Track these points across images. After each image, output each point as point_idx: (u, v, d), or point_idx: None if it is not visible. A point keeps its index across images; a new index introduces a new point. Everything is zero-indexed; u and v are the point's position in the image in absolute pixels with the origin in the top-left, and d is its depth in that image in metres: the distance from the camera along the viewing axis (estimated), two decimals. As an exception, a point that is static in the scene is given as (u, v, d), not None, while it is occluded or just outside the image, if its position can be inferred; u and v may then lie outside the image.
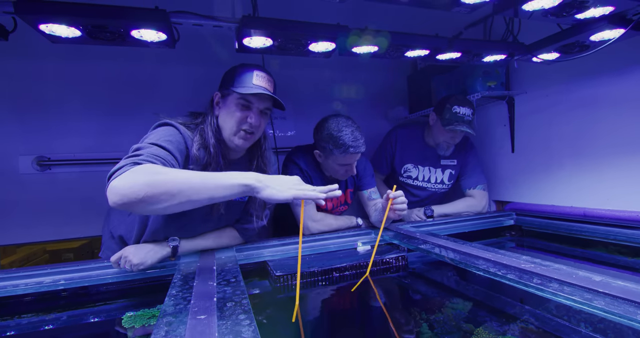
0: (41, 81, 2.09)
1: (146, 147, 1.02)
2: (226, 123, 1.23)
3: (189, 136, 1.18)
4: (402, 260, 1.40)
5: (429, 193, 2.17)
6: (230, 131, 1.23)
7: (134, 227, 1.26)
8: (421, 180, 2.14)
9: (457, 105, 1.91)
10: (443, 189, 2.17)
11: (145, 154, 0.97)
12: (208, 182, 0.87)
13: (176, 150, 1.10)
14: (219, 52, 2.20)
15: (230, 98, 1.22)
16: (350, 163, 1.63)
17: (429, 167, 2.14)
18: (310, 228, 1.66)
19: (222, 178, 0.89)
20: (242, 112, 1.21)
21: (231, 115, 1.22)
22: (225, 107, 1.24)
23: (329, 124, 1.61)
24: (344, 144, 1.55)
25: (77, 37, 1.22)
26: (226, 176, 0.89)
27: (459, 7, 1.21)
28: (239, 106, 1.21)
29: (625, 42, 1.43)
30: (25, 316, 1.11)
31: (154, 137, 1.09)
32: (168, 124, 1.17)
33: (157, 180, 0.82)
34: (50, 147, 2.12)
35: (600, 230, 1.62)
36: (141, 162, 0.92)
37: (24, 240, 2.13)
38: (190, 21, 1.30)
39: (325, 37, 1.40)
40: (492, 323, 0.96)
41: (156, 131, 1.14)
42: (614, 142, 1.65)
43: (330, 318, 1.09)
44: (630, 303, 0.76)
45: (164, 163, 0.99)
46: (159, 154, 1.00)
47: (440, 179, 2.15)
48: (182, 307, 0.83)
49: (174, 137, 1.13)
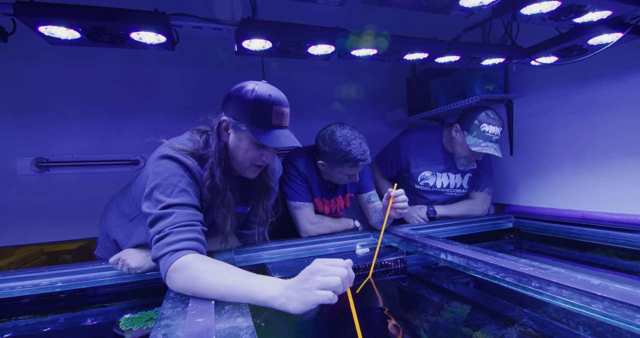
0: (40, 83, 2.09)
1: (171, 215, 1.00)
2: (237, 156, 1.16)
3: (198, 172, 1.13)
4: (400, 263, 1.40)
5: (446, 198, 2.09)
6: (241, 165, 1.18)
7: (132, 233, 1.25)
8: (439, 187, 2.05)
9: (487, 123, 1.78)
10: (462, 193, 2.10)
11: (175, 228, 0.98)
12: (239, 294, 0.86)
13: (193, 194, 1.08)
14: (218, 54, 2.21)
15: (245, 134, 1.14)
16: (357, 173, 1.65)
17: (447, 173, 2.04)
18: (308, 230, 1.66)
19: (253, 293, 0.84)
20: (257, 150, 1.15)
21: (244, 152, 1.15)
22: (238, 140, 1.15)
23: (336, 137, 1.57)
24: (354, 158, 1.54)
25: (77, 39, 1.22)
26: (258, 291, 0.83)
27: (458, 11, 1.22)
28: (254, 145, 1.14)
29: (623, 45, 1.44)
30: (22, 318, 1.11)
31: (169, 184, 1.05)
32: (175, 159, 1.09)
33: (195, 289, 0.89)
34: (48, 149, 2.12)
35: (599, 233, 1.62)
36: (178, 249, 0.95)
37: (21, 242, 2.13)
38: (189, 23, 1.30)
39: (325, 40, 1.40)
40: (491, 327, 0.96)
41: (166, 172, 1.07)
42: (612, 146, 1.66)
43: (329, 320, 1.09)
44: (628, 307, 0.76)
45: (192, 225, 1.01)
46: (186, 222, 1.01)
47: (460, 184, 2.07)
48: (179, 310, 0.83)
49: (185, 179, 1.08)
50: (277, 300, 0.79)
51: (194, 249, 0.97)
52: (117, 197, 1.43)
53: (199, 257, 0.96)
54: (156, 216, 1.01)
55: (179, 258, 0.93)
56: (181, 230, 0.99)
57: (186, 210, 1.03)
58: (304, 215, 1.67)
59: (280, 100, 1.13)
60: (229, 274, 0.90)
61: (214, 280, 0.88)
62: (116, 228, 1.35)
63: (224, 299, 0.88)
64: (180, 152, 1.11)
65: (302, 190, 1.70)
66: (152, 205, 1.03)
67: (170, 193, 1.04)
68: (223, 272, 0.91)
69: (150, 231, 1.01)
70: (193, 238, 0.99)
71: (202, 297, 0.89)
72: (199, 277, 0.90)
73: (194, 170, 1.12)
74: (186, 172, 1.10)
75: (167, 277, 0.94)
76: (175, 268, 0.93)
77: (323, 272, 0.76)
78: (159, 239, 0.97)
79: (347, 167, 1.58)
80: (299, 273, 0.80)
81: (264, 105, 1.10)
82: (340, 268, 0.77)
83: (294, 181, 1.69)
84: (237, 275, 0.89)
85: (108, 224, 1.40)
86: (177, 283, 0.92)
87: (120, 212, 1.34)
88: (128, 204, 1.31)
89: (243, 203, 1.34)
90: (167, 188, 1.04)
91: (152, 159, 1.13)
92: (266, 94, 1.11)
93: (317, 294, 0.75)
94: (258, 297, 0.82)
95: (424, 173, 2.04)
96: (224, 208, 1.18)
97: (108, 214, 1.44)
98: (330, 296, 0.75)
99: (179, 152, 1.11)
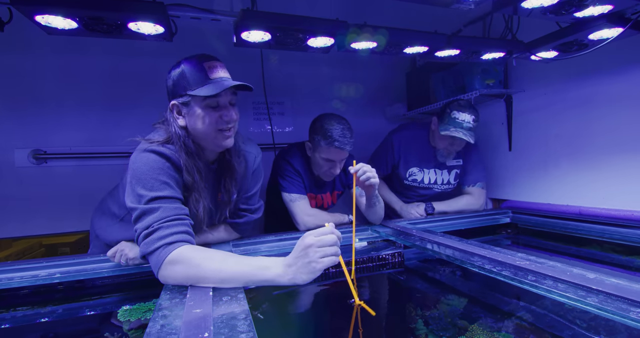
0: (37, 74, 2.08)
1: (158, 210, 0.99)
2: (199, 130, 1.11)
3: (178, 159, 1.10)
4: (398, 257, 1.41)
5: (435, 193, 2.14)
6: (208, 136, 1.12)
7: (126, 230, 1.23)
8: (427, 183, 2.09)
9: (456, 110, 1.85)
10: (450, 189, 2.15)
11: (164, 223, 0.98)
12: (246, 277, 0.91)
13: (175, 186, 1.07)
14: (217, 47, 2.19)
15: (193, 104, 1.09)
16: (333, 159, 1.64)
17: (435, 169, 2.08)
18: (306, 222, 1.67)
19: (254, 273, 0.91)
20: (212, 112, 1.10)
21: (202, 121, 1.09)
22: (192, 114, 1.10)
23: (324, 117, 1.66)
24: (331, 136, 1.58)
25: (74, 29, 1.21)
26: (258, 271, 0.91)
27: (459, 3, 1.21)
28: (207, 109, 1.09)
29: (623, 41, 1.43)
30: (20, 309, 1.11)
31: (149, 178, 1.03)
32: (153, 151, 1.07)
33: (194, 276, 0.92)
34: (46, 141, 2.11)
35: (596, 228, 1.63)
36: (172, 242, 0.95)
37: (19, 234, 2.12)
38: (188, 14, 1.29)
39: (324, 32, 1.39)
40: (487, 320, 0.97)
41: (144, 166, 1.05)
42: (611, 141, 1.66)
43: (325, 313, 1.10)
44: (623, 300, 0.77)
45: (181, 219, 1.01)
46: (174, 216, 1.00)
47: (447, 180, 2.11)
48: (177, 301, 0.83)
49: (165, 171, 1.06)
50: (284, 277, 0.89)
51: (186, 241, 0.97)
52: (106, 199, 1.41)
53: (195, 247, 0.97)
54: (142, 211, 0.99)
55: (174, 250, 0.93)
56: (171, 224, 0.98)
57: (172, 204, 1.03)
58: (301, 207, 1.69)
59: (206, 56, 1.10)
60: (232, 260, 0.94)
61: (218, 266, 0.91)
62: (107, 228, 1.34)
63: (229, 283, 0.90)
64: (155, 144, 1.09)
65: (297, 183, 1.72)
66: (135, 200, 1.02)
67: (151, 187, 1.02)
68: (225, 257, 0.94)
69: (137, 226, 0.99)
70: (184, 232, 0.99)
71: (205, 285, 0.90)
72: (202, 264, 0.91)
73: (173, 157, 1.09)
74: (166, 162, 1.07)
75: (162, 269, 0.93)
76: (172, 260, 0.92)
77: (318, 243, 0.87)
78: (149, 234, 0.96)
79: (324, 146, 1.61)
80: (294, 249, 0.90)
81: (194, 68, 1.07)
82: (330, 236, 0.89)
83: (289, 175, 1.72)
84: (240, 259, 0.94)
85: (99, 226, 1.38)
86: (175, 275, 0.92)
87: (110, 213, 1.34)
88: (117, 205, 1.31)
89: (224, 191, 1.29)
90: (147, 182, 1.03)
91: (132, 157, 1.10)
92: (190, 58, 1.09)
93: (321, 262, 0.86)
94: (265, 277, 0.90)
95: (412, 169, 2.08)
96: (196, 192, 1.14)
97: (97, 215, 1.42)
98: (333, 259, 0.87)
99: (156, 144, 1.09)
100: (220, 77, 1.09)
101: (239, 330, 0.68)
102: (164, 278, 0.94)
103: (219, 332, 0.67)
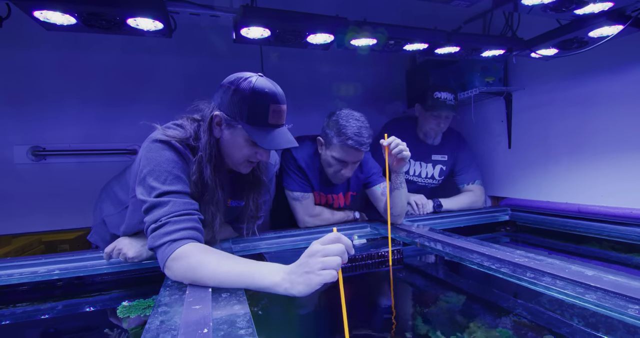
0: (36, 70, 2.06)
1: (168, 203, 0.99)
2: (231, 153, 1.13)
3: (190, 159, 1.10)
4: (397, 254, 1.41)
5: (417, 188, 2.15)
6: (235, 161, 1.15)
7: (124, 220, 1.23)
8: (411, 175, 2.14)
9: (437, 91, 1.97)
10: (433, 184, 2.17)
11: (172, 217, 0.97)
12: (242, 282, 0.88)
13: (187, 179, 1.07)
14: (216, 43, 2.19)
15: (240, 132, 1.09)
16: (345, 160, 1.52)
17: (420, 161, 2.14)
18: (307, 223, 1.65)
19: (257, 281, 0.86)
20: (252, 148, 1.11)
21: (238, 149, 1.11)
22: (232, 138, 1.11)
23: (342, 112, 1.53)
24: (345, 133, 1.46)
25: (72, 25, 1.20)
26: (260, 277, 0.86)
27: (459, 0, 1.20)
28: (249, 143, 1.10)
29: (623, 38, 1.43)
30: (20, 305, 1.11)
31: (162, 170, 1.03)
32: (169, 144, 1.07)
33: (192, 277, 0.91)
34: (45, 137, 2.10)
35: (594, 226, 1.63)
36: (177, 239, 0.95)
37: (18, 231, 2.12)
38: (187, 10, 1.29)
39: (324, 28, 1.38)
40: (486, 317, 0.97)
41: (160, 157, 1.05)
42: (610, 139, 1.66)
43: (325, 310, 1.10)
44: (621, 297, 0.77)
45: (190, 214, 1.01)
46: (183, 211, 1.00)
47: (431, 174, 2.15)
48: (177, 297, 0.83)
49: (179, 165, 1.06)
50: (281, 286, 0.81)
51: (192, 238, 0.97)
52: (112, 183, 1.40)
53: (199, 246, 0.96)
54: (152, 204, 0.99)
55: (179, 248, 0.93)
56: (179, 219, 0.98)
57: (182, 198, 1.02)
58: (303, 206, 1.64)
59: (278, 97, 1.08)
60: (231, 262, 0.91)
61: (216, 269, 0.89)
62: (111, 217, 1.34)
63: (227, 287, 0.89)
64: (172, 138, 1.08)
65: (300, 180, 1.65)
66: (146, 192, 1.02)
67: (164, 180, 1.02)
68: (225, 260, 0.92)
69: (146, 219, 1.00)
70: (191, 227, 0.99)
71: (204, 285, 0.89)
72: (201, 266, 0.90)
73: (185, 157, 1.09)
74: (179, 157, 1.08)
75: (166, 266, 0.94)
76: (175, 257, 0.93)
77: (322, 252, 0.78)
78: (156, 228, 0.97)
79: (337, 144, 1.49)
80: (300, 258, 0.82)
81: (260, 103, 1.05)
82: (337, 245, 0.79)
83: (292, 171, 1.65)
84: (239, 263, 0.91)
85: (104, 212, 1.38)
86: (177, 273, 0.93)
87: (116, 200, 1.33)
88: (124, 191, 1.29)
89: (237, 197, 1.32)
90: (161, 175, 1.02)
91: (145, 144, 1.10)
92: (263, 91, 1.05)
93: (320, 274, 0.77)
94: (261, 284, 0.85)
95: None
96: (213, 206, 1.15)
97: (104, 201, 1.41)
98: (333, 274, 0.77)
99: (171, 137, 1.08)
100: (278, 124, 1.11)
101: (238, 326, 0.68)
102: (169, 274, 0.96)
103: (218, 328, 0.67)
